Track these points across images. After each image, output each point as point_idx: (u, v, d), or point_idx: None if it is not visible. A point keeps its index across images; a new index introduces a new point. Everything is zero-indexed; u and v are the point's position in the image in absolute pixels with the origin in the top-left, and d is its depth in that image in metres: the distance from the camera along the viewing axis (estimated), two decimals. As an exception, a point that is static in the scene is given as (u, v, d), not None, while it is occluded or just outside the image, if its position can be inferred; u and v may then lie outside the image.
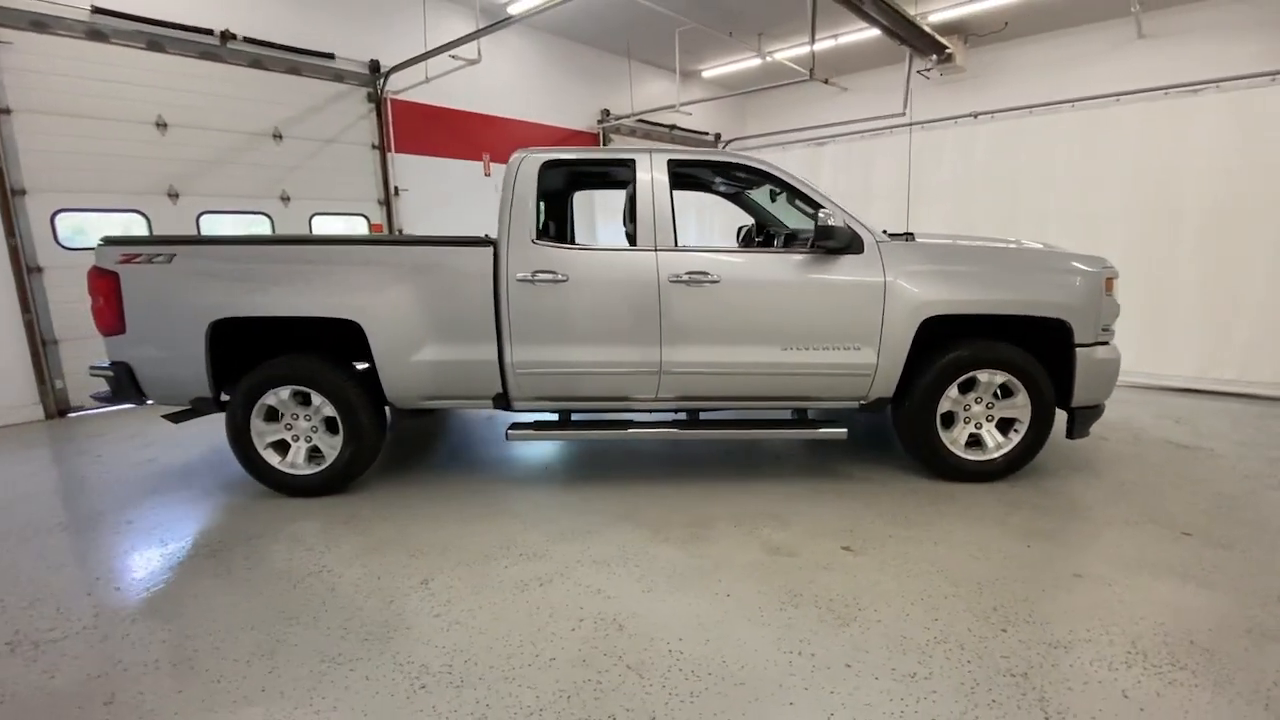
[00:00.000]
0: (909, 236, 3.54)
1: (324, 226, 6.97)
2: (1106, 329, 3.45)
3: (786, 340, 3.35)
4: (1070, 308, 3.33)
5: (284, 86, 6.48)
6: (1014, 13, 8.70)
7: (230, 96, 6.11)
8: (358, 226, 7.28)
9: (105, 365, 3.45)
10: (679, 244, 3.38)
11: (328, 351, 3.49)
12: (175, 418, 3.68)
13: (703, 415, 3.69)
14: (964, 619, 2.28)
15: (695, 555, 2.78)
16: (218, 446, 4.45)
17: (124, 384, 3.40)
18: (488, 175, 8.53)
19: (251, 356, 3.54)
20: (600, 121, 10.07)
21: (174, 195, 5.83)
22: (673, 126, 11.15)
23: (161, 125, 5.71)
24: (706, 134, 12.01)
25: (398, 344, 3.33)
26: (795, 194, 3.46)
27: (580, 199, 8.62)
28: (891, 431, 4.52)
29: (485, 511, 3.30)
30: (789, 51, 9.94)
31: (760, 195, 4.75)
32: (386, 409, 3.57)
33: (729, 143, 12.25)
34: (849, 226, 3.29)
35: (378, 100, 7.20)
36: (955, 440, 3.48)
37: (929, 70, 10.21)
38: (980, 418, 3.49)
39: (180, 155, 5.84)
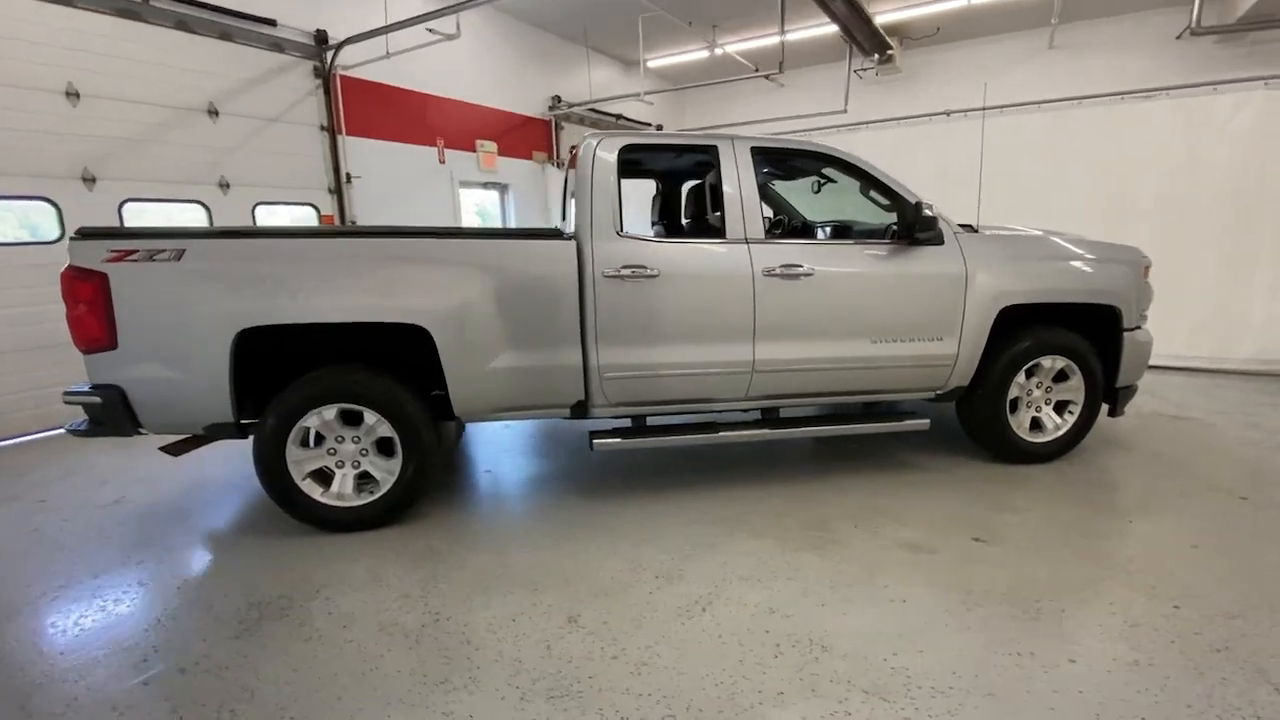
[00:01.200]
0: (969, 228, 3.61)
1: (269, 217, 6.12)
2: (1142, 314, 3.72)
3: (876, 333, 3.31)
4: (1120, 294, 3.55)
5: (217, 54, 5.58)
6: (946, 19, 9.29)
7: (155, 63, 5.16)
8: (307, 218, 6.46)
9: (85, 389, 2.76)
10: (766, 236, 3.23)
11: (365, 363, 3.01)
12: (176, 449, 3.05)
13: (781, 413, 3.57)
14: (1136, 600, 2.34)
15: (839, 561, 2.67)
16: (198, 477, 3.75)
17: (114, 412, 2.73)
18: (442, 163, 7.89)
19: (276, 372, 2.99)
20: (551, 109, 9.65)
21: (90, 180, 4.84)
22: (619, 116, 10.92)
23: (73, 95, 4.71)
24: (649, 125, 11.87)
25: (471, 351, 2.93)
26: (875, 185, 3.41)
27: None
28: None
29: (577, 530, 2.99)
30: (739, 45, 10.01)
31: (785, 186, 4.70)
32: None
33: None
34: (930, 218, 3.30)
35: (325, 76, 6.40)
36: (1020, 424, 3.62)
37: (866, 70, 10.70)
38: (1040, 401, 3.65)
39: (97, 131, 4.85)
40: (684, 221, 3.93)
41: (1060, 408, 3.68)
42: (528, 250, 2.98)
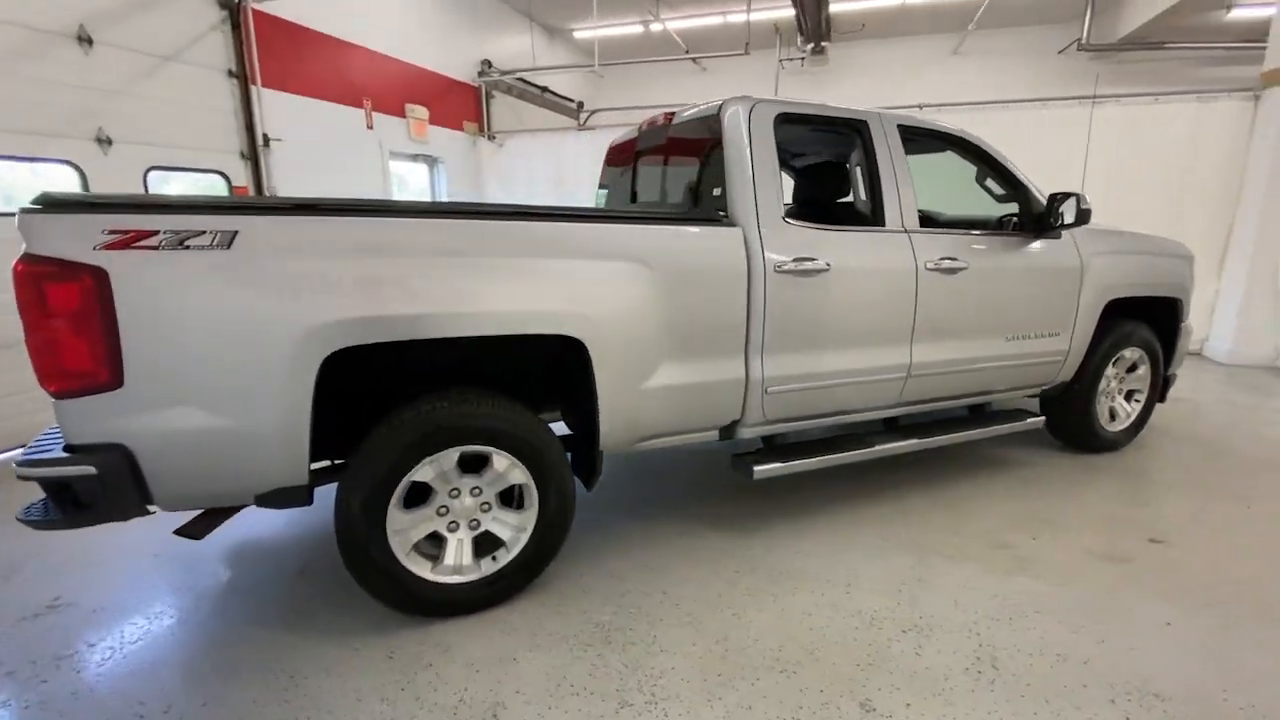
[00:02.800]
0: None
1: (166, 187, 4.68)
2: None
3: (1012, 330, 3.15)
4: (1183, 287, 3.74)
5: (86, -41, 4.07)
6: (883, 15, 9.61)
7: (-4, -41, 3.62)
8: (215, 189, 5.05)
9: (57, 453, 1.74)
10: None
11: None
12: (200, 528, 2.08)
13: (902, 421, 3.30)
14: (1349, 593, 2.38)
15: (1062, 583, 2.44)
16: (144, 547, 2.67)
17: (115, 486, 1.74)
18: (370, 129, 6.64)
19: (345, 406, 2.14)
20: (481, 74, 8.57)
21: (-100, 122, 3.28)
22: (545, 89, 10.04)
23: None
24: (571, 101, 11.08)
25: (630, 367, 2.30)
26: (999, 172, 3.21)
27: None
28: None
29: (759, 577, 2.48)
30: (679, 23, 9.60)
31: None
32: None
33: (593, 113, 11.51)
34: (1049, 210, 3.19)
35: (234, 7, 4.99)
36: (1102, 414, 3.69)
37: (792, 60, 10.83)
38: (1115, 392, 3.75)
39: (-91, 50, 3.29)
40: (796, 206, 3.49)
41: (1127, 397, 3.82)
42: (693, 238, 2.39)
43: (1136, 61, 9.34)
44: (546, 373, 2.56)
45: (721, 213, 2.54)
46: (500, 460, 2.17)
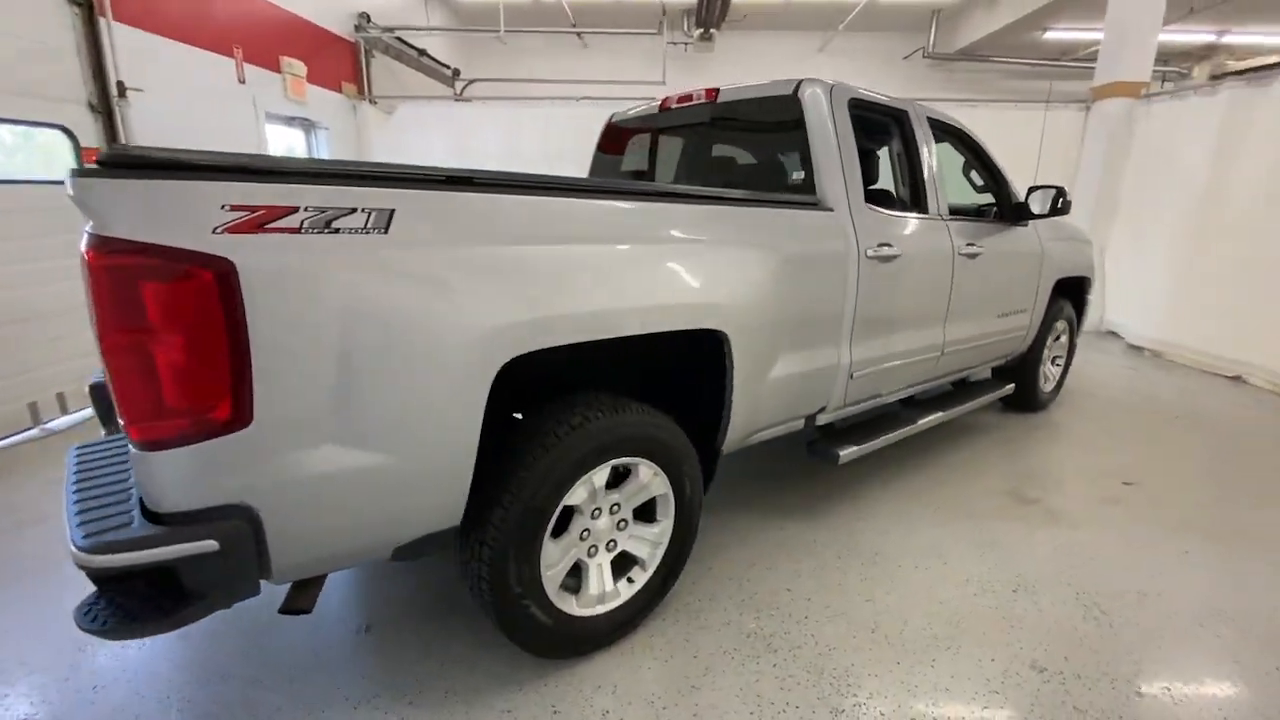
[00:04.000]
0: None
1: (-10, 145, 3.49)
2: (1083, 283, 4.70)
3: (1002, 307, 3.51)
4: (1092, 268, 4.43)
5: None
6: (755, 9, 10.02)
7: None
8: (55, 151, 3.86)
9: (140, 526, 1.23)
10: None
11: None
12: (307, 600, 1.62)
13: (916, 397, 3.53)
14: None
15: (1088, 530, 2.78)
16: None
17: (235, 563, 1.27)
18: (242, 83, 5.51)
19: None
20: (358, 29, 7.50)
21: None
22: (422, 52, 9.12)
23: None
24: (448, 67, 10.19)
25: (759, 360, 2.18)
26: (985, 165, 3.53)
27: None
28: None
29: (861, 559, 2.51)
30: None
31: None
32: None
33: (470, 83, 10.68)
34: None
35: (69, -93, 3.81)
36: (1041, 379, 4.28)
37: (677, 44, 10.93)
38: (1047, 360, 4.37)
39: None
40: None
41: (1052, 363, 4.47)
42: (807, 223, 2.31)
43: (967, 71, 10.84)
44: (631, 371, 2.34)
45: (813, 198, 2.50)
46: (645, 471, 1.95)
